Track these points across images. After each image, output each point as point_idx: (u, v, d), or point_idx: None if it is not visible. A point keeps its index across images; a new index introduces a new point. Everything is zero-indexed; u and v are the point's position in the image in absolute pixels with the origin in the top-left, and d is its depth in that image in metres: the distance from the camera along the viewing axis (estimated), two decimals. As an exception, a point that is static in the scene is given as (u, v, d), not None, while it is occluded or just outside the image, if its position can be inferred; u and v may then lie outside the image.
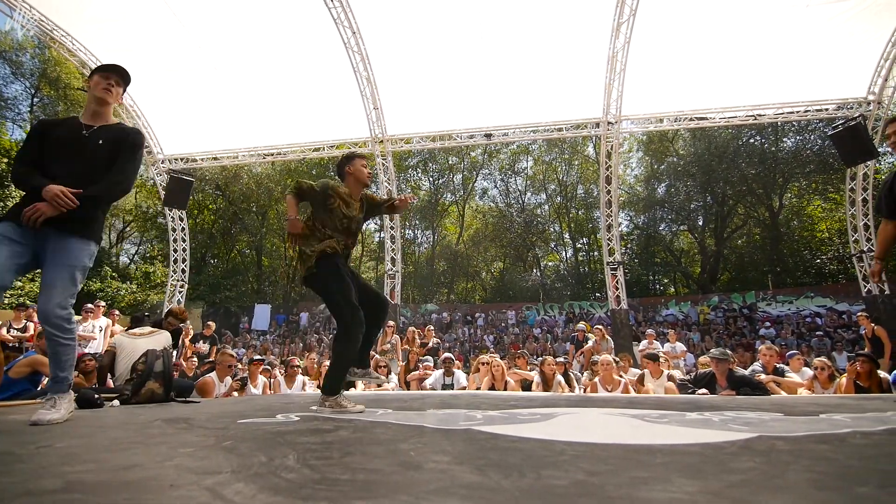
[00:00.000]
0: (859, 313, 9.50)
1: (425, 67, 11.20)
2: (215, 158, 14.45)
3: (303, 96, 12.02)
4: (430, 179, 31.04)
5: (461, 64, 10.96)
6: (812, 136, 22.10)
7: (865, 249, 12.00)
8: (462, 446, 1.71)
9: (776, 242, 23.91)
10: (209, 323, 10.16)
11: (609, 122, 11.72)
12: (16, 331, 7.34)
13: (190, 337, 8.65)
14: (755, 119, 12.04)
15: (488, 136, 12.68)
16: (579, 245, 30.55)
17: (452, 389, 6.51)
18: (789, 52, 10.20)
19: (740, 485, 1.13)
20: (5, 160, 16.49)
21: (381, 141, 12.94)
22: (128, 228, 30.20)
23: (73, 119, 2.56)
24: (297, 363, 6.80)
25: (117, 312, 8.69)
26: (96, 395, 3.35)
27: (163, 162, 13.84)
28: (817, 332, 14.75)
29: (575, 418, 2.64)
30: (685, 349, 10.02)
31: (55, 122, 2.60)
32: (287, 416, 2.67)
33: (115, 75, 2.53)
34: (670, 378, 6.27)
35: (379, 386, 6.20)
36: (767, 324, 16.56)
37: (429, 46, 10.63)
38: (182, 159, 13.93)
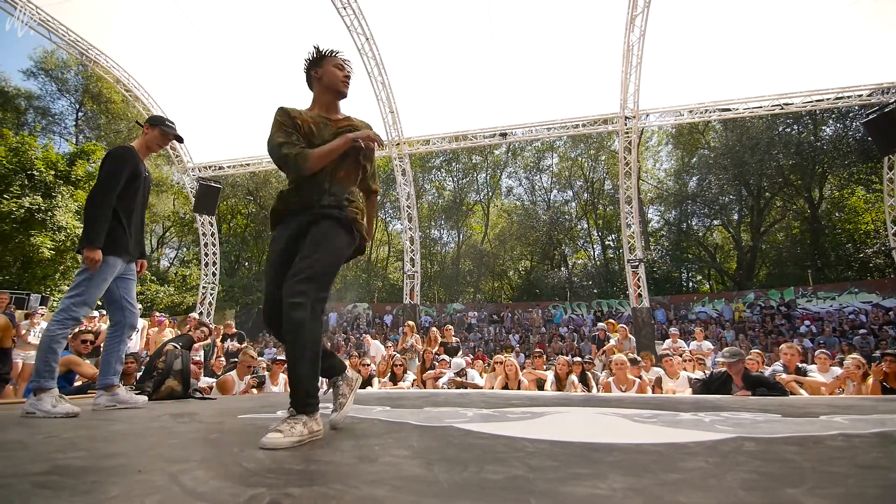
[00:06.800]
0: (901, 310, 8.98)
1: (440, 69, 11.30)
2: (241, 165, 15.01)
3: (320, 102, 12.26)
4: (454, 179, 31.06)
5: (475, 64, 11.00)
6: (853, 124, 20.88)
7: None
8: (428, 442, 1.77)
9: (816, 236, 22.78)
10: (228, 322, 10.52)
11: (627, 117, 11.50)
12: None
13: (220, 337, 9.03)
14: (782, 108, 11.51)
15: (504, 135, 12.67)
16: (608, 242, 29.89)
17: (466, 388, 6.60)
18: (816, 37, 9.69)
19: (670, 483, 1.13)
20: (52, 172, 17.41)
21: (399, 143, 13.14)
22: (167, 234, 31.66)
23: (137, 155, 2.96)
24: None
25: (163, 316, 9.18)
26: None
27: (192, 170, 14.50)
28: (860, 330, 13.98)
29: (561, 417, 2.65)
30: (712, 347, 9.67)
31: (132, 155, 2.94)
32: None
33: (174, 139, 3.06)
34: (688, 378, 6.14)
35: None
36: (807, 322, 15.83)
37: (442, 48, 10.72)
38: (210, 167, 14.54)
